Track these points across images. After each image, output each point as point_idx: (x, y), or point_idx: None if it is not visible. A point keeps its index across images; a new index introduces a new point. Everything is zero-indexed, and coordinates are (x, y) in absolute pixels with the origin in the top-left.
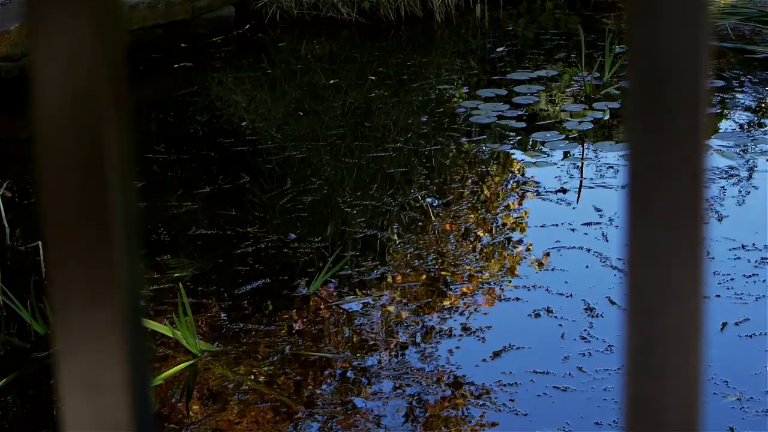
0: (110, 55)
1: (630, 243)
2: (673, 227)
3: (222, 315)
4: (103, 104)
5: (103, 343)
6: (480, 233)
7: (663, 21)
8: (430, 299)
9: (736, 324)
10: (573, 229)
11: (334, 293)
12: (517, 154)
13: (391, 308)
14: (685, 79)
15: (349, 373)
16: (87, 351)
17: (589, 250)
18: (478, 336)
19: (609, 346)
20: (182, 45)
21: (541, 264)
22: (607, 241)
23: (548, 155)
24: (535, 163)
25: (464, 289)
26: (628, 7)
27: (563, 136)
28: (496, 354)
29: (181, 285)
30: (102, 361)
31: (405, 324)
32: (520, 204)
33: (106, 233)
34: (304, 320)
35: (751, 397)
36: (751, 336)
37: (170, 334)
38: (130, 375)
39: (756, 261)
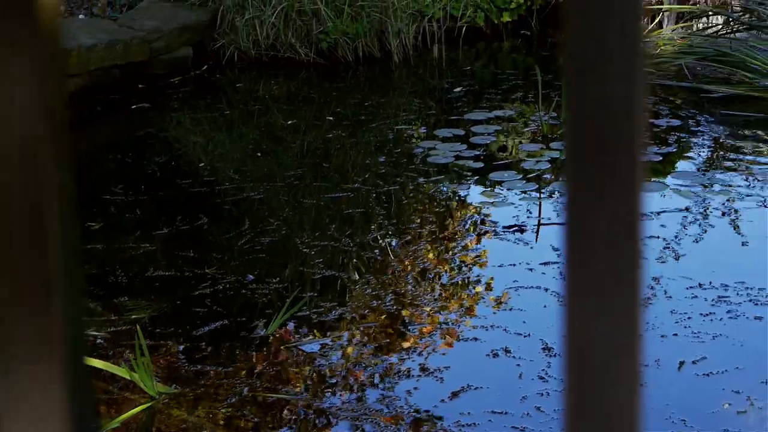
0: (50, 104)
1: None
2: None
3: (180, 357)
4: (43, 154)
5: (46, 399)
6: (439, 273)
7: (598, 76)
8: (388, 339)
9: (694, 363)
10: (531, 269)
11: (293, 334)
12: (475, 194)
13: (350, 349)
14: (621, 132)
15: (308, 415)
16: (30, 407)
17: (546, 290)
18: (436, 376)
19: None
20: (140, 86)
21: (499, 303)
22: None
23: (506, 195)
24: (492, 202)
25: (423, 330)
26: (565, 62)
27: (521, 176)
28: (455, 394)
29: (138, 327)
30: (45, 416)
31: (364, 364)
32: (478, 243)
33: (48, 284)
34: (263, 362)
35: None
36: (708, 375)
37: (127, 377)
38: (73, 429)
39: (713, 299)
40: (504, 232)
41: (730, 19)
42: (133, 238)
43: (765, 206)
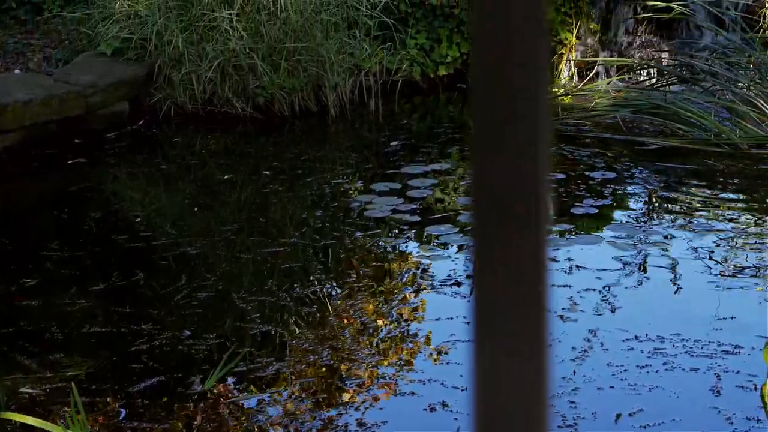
0: None
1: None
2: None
3: (117, 414)
4: None
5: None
6: (377, 326)
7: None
8: (326, 394)
9: (630, 415)
10: (468, 322)
11: (231, 390)
12: (412, 248)
13: (289, 404)
14: (525, 209)
15: None
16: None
17: None
18: (374, 431)
19: None
20: (76, 141)
21: (437, 357)
22: None
23: (442, 248)
24: (429, 256)
25: (361, 384)
26: (470, 143)
27: (457, 229)
28: None
29: (74, 384)
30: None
31: (301, 420)
32: (415, 297)
33: None
34: (201, 418)
35: None
36: (645, 427)
37: None
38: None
39: (649, 351)
40: (441, 285)
41: (665, 72)
42: (69, 294)
43: (700, 257)
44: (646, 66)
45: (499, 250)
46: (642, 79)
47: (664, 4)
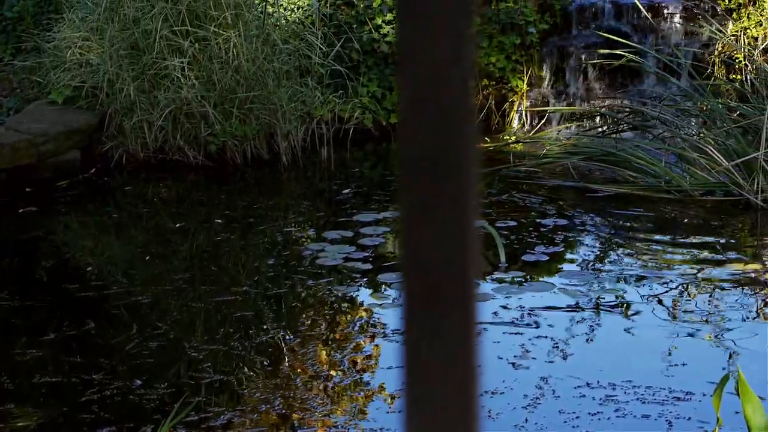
0: None
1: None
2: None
3: None
4: None
5: None
6: (329, 375)
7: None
8: None
9: None
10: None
11: None
12: (365, 296)
13: None
14: (453, 285)
15: None
16: None
17: None
18: None
19: None
20: (27, 189)
21: (389, 406)
22: None
23: (394, 296)
24: (381, 304)
25: None
26: (399, 219)
27: None
28: None
29: None
30: None
31: None
32: (368, 345)
33: None
34: None
35: None
36: None
37: None
38: None
39: (601, 398)
40: (393, 333)
41: (615, 120)
42: (19, 343)
43: (651, 304)
44: (596, 113)
45: (428, 329)
46: (593, 126)
47: (614, 51)
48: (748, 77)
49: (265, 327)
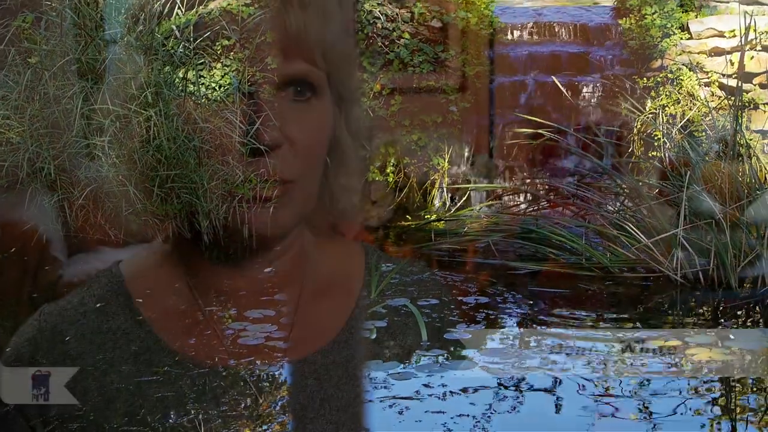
0: None
1: None
2: None
3: None
4: None
5: None
6: None
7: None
8: None
9: None
10: None
11: None
12: (287, 374)
13: None
14: None
15: None
16: None
17: None
18: None
19: None
20: None
21: None
22: None
23: None
24: None
25: None
26: None
27: None
28: None
29: None
30: None
31: None
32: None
33: None
34: None
35: None
36: None
37: None
38: None
39: None
40: None
41: (536, 197)
42: None
43: (574, 381)
44: (517, 191)
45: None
46: (514, 203)
47: (535, 131)
48: (667, 155)
49: (187, 407)
